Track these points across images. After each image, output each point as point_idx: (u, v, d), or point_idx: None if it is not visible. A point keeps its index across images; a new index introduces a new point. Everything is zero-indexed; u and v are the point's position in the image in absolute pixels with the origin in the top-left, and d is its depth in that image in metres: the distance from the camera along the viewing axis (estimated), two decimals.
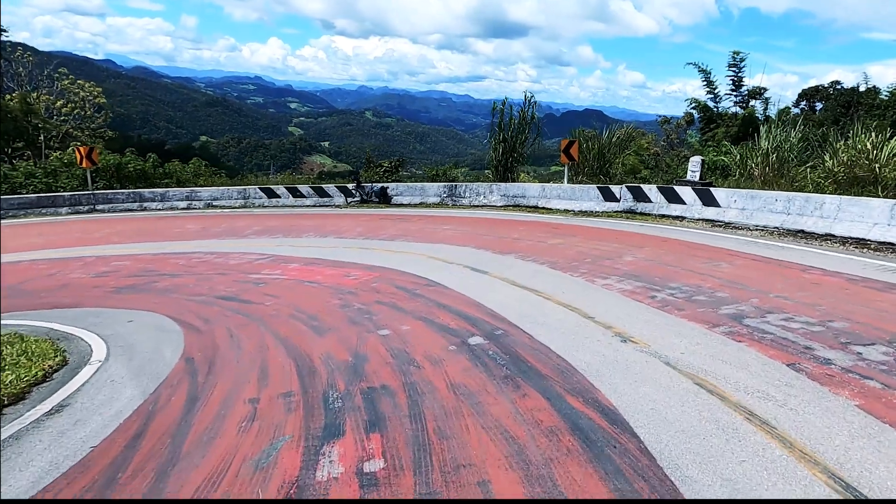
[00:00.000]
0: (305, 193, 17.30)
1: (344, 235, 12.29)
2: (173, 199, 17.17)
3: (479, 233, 11.63)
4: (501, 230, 11.86)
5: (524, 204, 15.35)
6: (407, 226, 13.08)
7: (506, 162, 18.20)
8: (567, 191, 14.54)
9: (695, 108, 31.73)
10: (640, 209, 13.04)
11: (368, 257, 9.68)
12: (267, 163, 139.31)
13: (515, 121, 18.27)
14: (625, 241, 9.83)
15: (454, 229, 12.20)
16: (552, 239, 10.42)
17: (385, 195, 16.81)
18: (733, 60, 32.57)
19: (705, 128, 30.67)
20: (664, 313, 5.56)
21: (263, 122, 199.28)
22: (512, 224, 12.74)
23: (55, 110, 29.74)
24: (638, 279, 7.05)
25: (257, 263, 10.02)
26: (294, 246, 11.45)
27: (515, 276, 7.61)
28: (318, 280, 8.39)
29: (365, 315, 6.29)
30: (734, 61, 32.57)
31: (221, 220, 15.42)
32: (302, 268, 9.39)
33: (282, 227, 13.78)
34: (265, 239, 12.51)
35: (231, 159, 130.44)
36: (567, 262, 8.34)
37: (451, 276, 7.83)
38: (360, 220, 14.30)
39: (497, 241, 10.43)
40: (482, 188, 16.06)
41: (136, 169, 18.75)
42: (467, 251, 9.67)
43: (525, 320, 5.56)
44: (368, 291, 7.42)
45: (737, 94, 32.97)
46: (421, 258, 9.32)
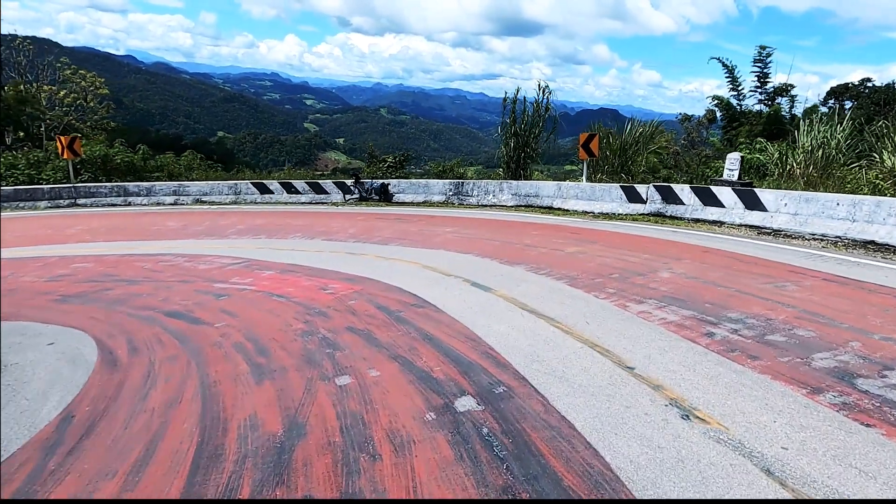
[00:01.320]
0: (300, 189, 15.83)
1: (334, 237, 10.78)
2: (160, 194, 15.81)
3: (485, 237, 10.03)
4: (511, 234, 10.25)
5: (538, 204, 13.70)
6: (405, 227, 11.52)
7: (518, 158, 16.54)
8: (586, 190, 12.87)
9: (717, 105, 29.71)
10: (669, 212, 11.33)
11: (354, 265, 8.15)
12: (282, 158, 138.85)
13: (529, 114, 16.61)
14: (657, 251, 8.16)
15: (457, 232, 10.61)
16: (570, 246, 8.78)
17: (386, 192, 15.28)
18: (759, 55, 30.48)
19: (728, 126, 28.64)
20: (732, 363, 3.94)
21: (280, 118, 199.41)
22: (523, 227, 11.12)
23: (57, 101, 28.68)
24: (683, 305, 5.41)
25: (229, 269, 8.55)
26: (276, 249, 9.98)
27: (526, 295, 6.02)
28: (289, 294, 6.88)
29: (328, 349, 4.75)
30: (760, 56, 30.48)
31: (206, 217, 14.01)
32: (276, 276, 7.90)
33: (268, 227, 12.31)
34: (247, 240, 11.06)
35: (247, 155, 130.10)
36: (590, 277, 6.71)
37: (445, 294, 6.26)
38: (356, 220, 12.79)
39: (505, 248, 8.83)
40: (491, 186, 14.45)
41: (125, 161, 17.43)
42: (469, 260, 8.08)
43: (537, 369, 3.97)
44: (343, 312, 5.88)
45: (762, 92, 30.92)
46: (414, 268, 7.77)
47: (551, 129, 16.73)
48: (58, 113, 28.56)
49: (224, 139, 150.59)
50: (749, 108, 30.52)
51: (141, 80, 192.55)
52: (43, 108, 25.38)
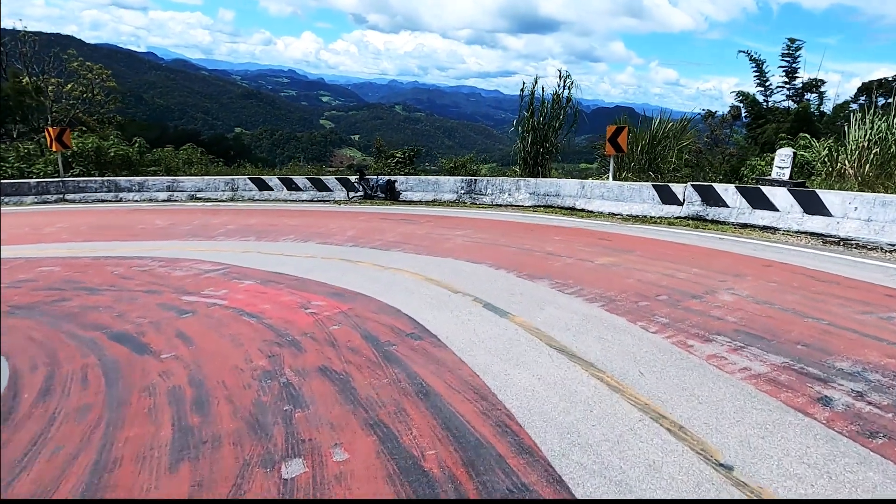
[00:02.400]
0: (302, 186, 14.59)
1: (330, 240, 9.50)
2: (152, 190, 14.68)
3: (500, 242, 8.67)
4: (530, 239, 8.87)
5: (558, 204, 12.28)
6: (411, 229, 10.20)
7: (535, 154, 15.11)
8: (613, 190, 11.42)
9: (742, 101, 27.85)
10: (710, 215, 9.84)
11: (347, 276, 6.86)
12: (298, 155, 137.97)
13: (548, 105, 15.15)
14: (708, 264, 6.73)
15: (469, 236, 9.27)
16: (601, 256, 7.38)
17: (392, 190, 13.96)
18: (788, 49, 28.56)
19: (753, 123, 26.81)
20: (883, 459, 2.55)
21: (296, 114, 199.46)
22: (544, 231, 9.72)
23: (64, 94, 27.84)
24: (767, 346, 4.01)
25: (205, 278, 7.32)
26: (263, 253, 8.74)
27: (552, 325, 4.66)
28: (264, 312, 5.61)
29: (287, 405, 3.46)
30: (789, 50, 28.54)
31: (197, 215, 12.83)
32: (255, 288, 6.64)
33: (260, 227, 11.08)
34: (234, 242, 9.84)
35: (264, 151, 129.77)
36: (631, 299, 5.33)
37: (451, 320, 4.92)
38: (357, 220, 11.50)
39: (524, 257, 7.46)
40: (507, 184, 13.05)
41: (119, 154, 16.35)
42: (482, 272, 6.74)
43: (580, 462, 2.62)
44: (320, 343, 4.59)
45: (790, 88, 28.98)
46: (416, 281, 6.44)
47: (572, 122, 15.26)
48: (64, 105, 27.75)
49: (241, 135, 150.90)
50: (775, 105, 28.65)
51: (161, 76, 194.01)
52: (46, 100, 24.50)
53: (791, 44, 29.06)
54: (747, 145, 25.03)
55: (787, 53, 29.02)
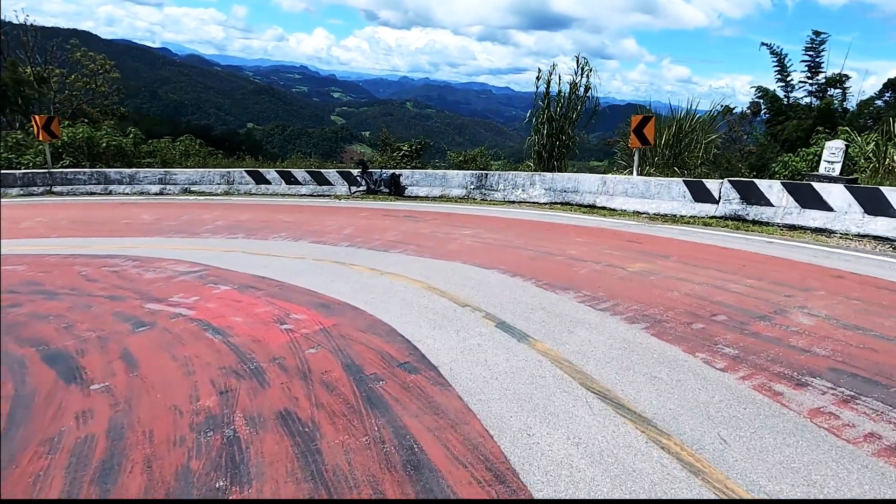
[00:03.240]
0: (301, 180, 13.59)
1: (325, 239, 8.49)
2: (144, 182, 13.76)
3: (515, 244, 7.60)
4: (549, 241, 7.79)
5: (576, 201, 11.16)
6: (414, 228, 9.16)
7: (551, 147, 13.98)
8: (639, 186, 10.28)
9: (761, 97, 26.36)
10: (751, 215, 8.68)
11: (338, 282, 5.85)
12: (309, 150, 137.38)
13: (565, 95, 14.01)
14: (763, 273, 5.61)
15: (479, 237, 8.20)
16: (634, 261, 6.28)
17: (397, 185, 12.92)
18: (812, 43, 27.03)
19: (773, 120, 25.36)
20: None
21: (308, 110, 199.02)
22: (563, 231, 8.63)
23: (67, 84, 27.11)
24: (885, 393, 2.92)
25: (178, 281, 6.35)
26: (249, 253, 7.75)
27: (586, 355, 3.59)
28: (232, 328, 4.61)
29: (219, 481, 2.43)
30: (812, 44, 27.02)
31: (187, 209, 11.89)
32: (230, 295, 5.65)
33: (252, 223, 10.10)
34: (220, 239, 8.87)
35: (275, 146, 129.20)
36: (681, 319, 4.24)
37: (457, 344, 3.88)
38: (357, 217, 10.47)
39: (543, 262, 6.39)
40: (521, 179, 11.95)
41: (112, 145, 15.46)
42: (495, 279, 5.67)
43: None
44: (290, 374, 3.57)
45: (812, 83, 27.45)
46: (417, 290, 5.40)
47: (591, 113, 14.09)
48: (67, 96, 27.03)
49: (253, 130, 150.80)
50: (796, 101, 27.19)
51: (175, 71, 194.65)
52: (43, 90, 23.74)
53: (815, 37, 27.46)
54: (767, 143, 23.66)
55: (810, 47, 27.43)
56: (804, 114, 26.31)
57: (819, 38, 27.58)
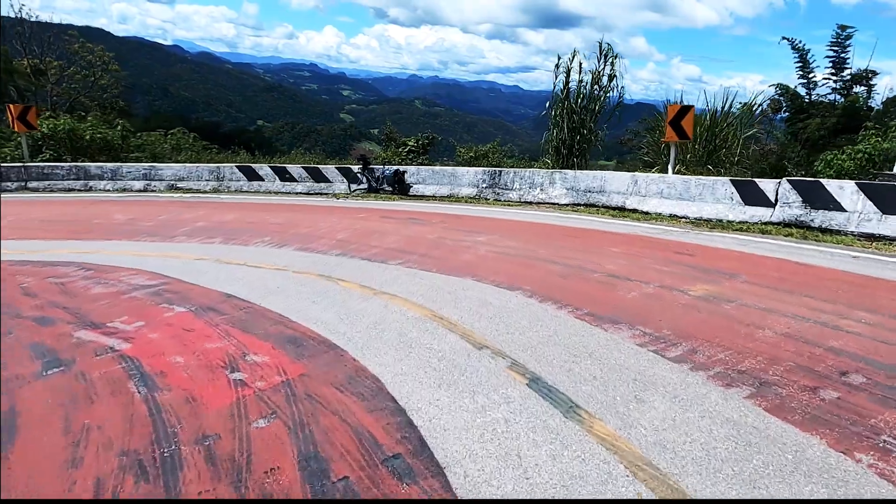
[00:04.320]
0: (296, 176, 12.31)
1: (313, 245, 7.20)
2: (127, 178, 12.55)
3: (538, 254, 6.26)
4: (579, 250, 6.44)
5: (602, 203, 9.79)
6: (419, 232, 7.85)
7: (571, 142, 12.60)
8: (676, 185, 8.89)
9: (781, 95, 24.69)
10: (817, 221, 7.27)
11: (318, 306, 4.56)
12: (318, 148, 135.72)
13: (586, 85, 12.63)
14: (872, 302, 4.24)
15: (495, 244, 6.87)
16: (693, 282, 4.93)
17: (401, 182, 11.61)
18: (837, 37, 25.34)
19: (793, 118, 23.72)
20: None
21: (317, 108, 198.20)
22: (594, 239, 7.28)
23: (66, 77, 26.05)
24: None
25: (128, 299, 5.10)
26: (223, 263, 6.49)
27: (678, 452, 2.26)
28: (165, 377, 3.35)
29: None
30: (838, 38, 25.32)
31: (169, 208, 10.64)
32: (182, 320, 4.39)
33: (235, 225, 8.84)
34: (195, 244, 7.62)
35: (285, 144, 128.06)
36: (798, 380, 2.89)
37: (474, 423, 2.55)
38: (354, 218, 9.18)
39: (578, 281, 5.05)
40: (539, 177, 10.60)
41: (97, 138, 14.27)
42: (519, 306, 4.35)
43: None
44: (215, 471, 2.27)
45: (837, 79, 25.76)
46: (418, 319, 4.09)
47: (615, 105, 12.70)
48: (66, 89, 25.97)
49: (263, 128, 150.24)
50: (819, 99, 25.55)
51: (186, 69, 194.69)
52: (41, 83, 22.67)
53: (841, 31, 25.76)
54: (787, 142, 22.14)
55: (835, 42, 25.76)
56: (827, 112, 24.66)
57: (845, 33, 25.84)
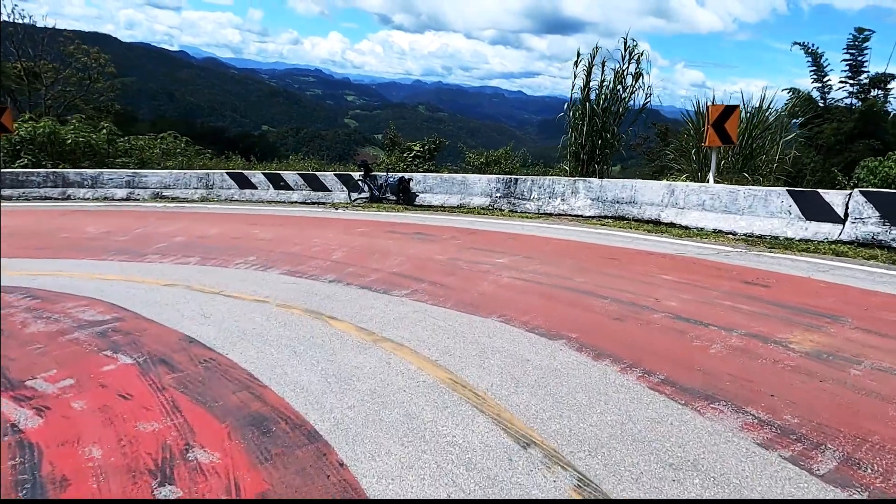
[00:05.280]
0: (292, 184, 11.21)
1: (304, 268, 6.08)
2: (108, 185, 11.49)
3: (576, 284, 5.10)
4: (624, 278, 5.27)
5: (633, 215, 8.65)
6: (427, 251, 6.71)
7: (592, 147, 11.46)
8: (720, 197, 7.74)
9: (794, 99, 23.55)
10: None
11: (303, 358, 3.44)
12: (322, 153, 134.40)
13: (608, 85, 11.50)
14: None
15: (520, 269, 5.72)
16: (786, 328, 3.77)
17: (406, 191, 10.49)
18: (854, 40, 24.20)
19: (807, 123, 22.54)
20: None
21: (321, 113, 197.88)
22: (636, 260, 6.11)
23: (61, 79, 25.12)
24: None
25: (66, 342, 4.06)
26: (194, 289, 5.39)
27: None
28: (69, 483, 2.19)
29: None
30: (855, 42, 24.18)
31: (148, 220, 9.54)
32: (122, 379, 3.30)
33: (218, 241, 7.73)
34: (168, 265, 6.52)
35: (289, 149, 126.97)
36: None
37: None
38: (353, 233, 8.06)
39: (636, 326, 3.89)
40: (560, 185, 9.46)
41: (80, 142, 13.20)
42: (568, 367, 3.19)
43: None
44: None
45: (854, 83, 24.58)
46: (434, 388, 2.93)
47: (640, 108, 11.56)
48: (61, 92, 25.03)
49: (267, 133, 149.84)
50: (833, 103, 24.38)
51: (192, 74, 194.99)
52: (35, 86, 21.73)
53: (858, 34, 24.62)
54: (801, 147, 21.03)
55: (852, 45, 24.62)
56: (844, 116, 23.46)
57: (862, 36, 24.68)
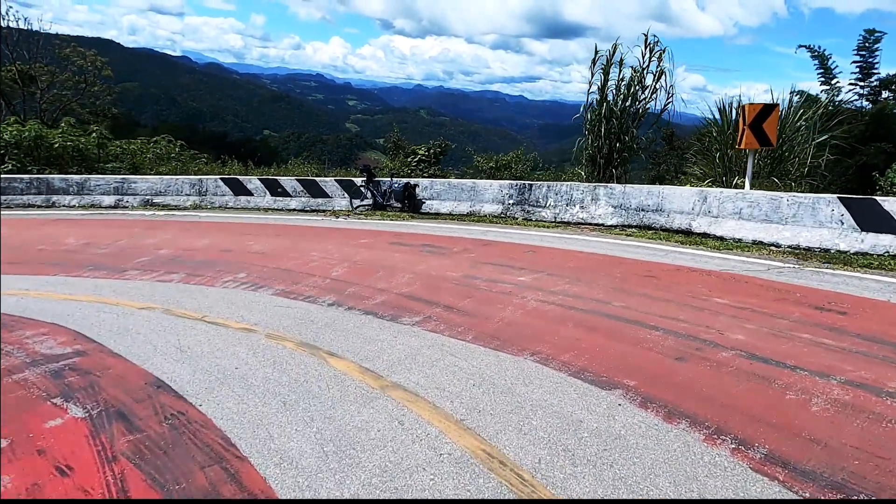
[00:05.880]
0: (290, 191, 10.48)
1: (299, 287, 5.34)
2: (96, 192, 10.79)
3: (615, 310, 4.34)
4: (669, 301, 4.51)
5: (661, 225, 7.89)
6: (440, 267, 5.96)
7: (609, 151, 10.73)
8: (760, 204, 6.98)
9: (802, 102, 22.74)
10: None
11: (290, 414, 2.66)
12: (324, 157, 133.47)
13: (625, 84, 10.76)
14: None
15: (547, 289, 4.97)
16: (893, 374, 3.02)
17: (412, 197, 9.76)
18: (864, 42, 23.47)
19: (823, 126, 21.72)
20: None
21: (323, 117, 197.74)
22: (680, 279, 5.35)
23: (57, 83, 24.49)
24: None
25: (11, 385, 3.33)
26: (173, 314, 4.66)
27: None
28: None
29: None
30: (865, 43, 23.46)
31: (133, 229, 8.81)
32: (64, 444, 2.53)
33: (206, 254, 7.00)
34: (147, 282, 5.79)
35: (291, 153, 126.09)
36: None
37: None
38: (356, 245, 7.31)
39: (699, 365, 3.13)
40: (578, 192, 8.71)
41: (68, 146, 12.48)
42: (630, 428, 2.43)
43: None
44: None
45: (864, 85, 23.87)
46: (465, 466, 2.17)
47: (662, 108, 10.82)
48: (56, 95, 24.40)
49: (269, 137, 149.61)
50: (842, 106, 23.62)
51: (194, 79, 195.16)
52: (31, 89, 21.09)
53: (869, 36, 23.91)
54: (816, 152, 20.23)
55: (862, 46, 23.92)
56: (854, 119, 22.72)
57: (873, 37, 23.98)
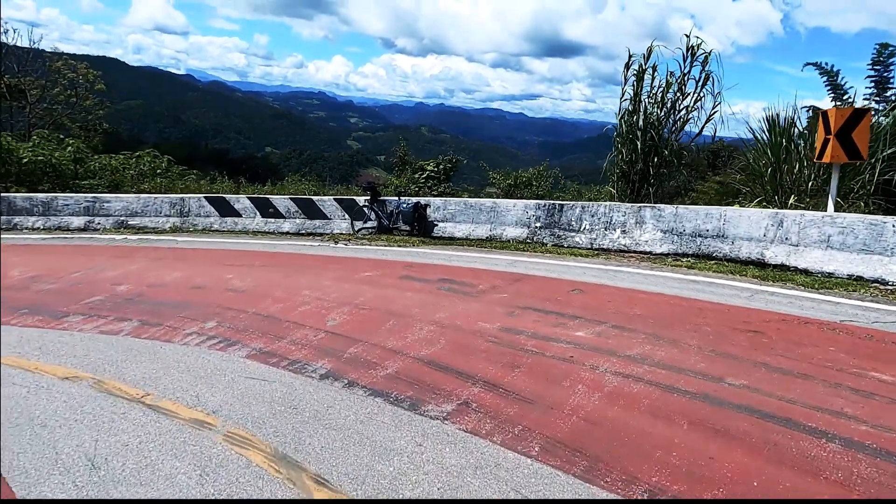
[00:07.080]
0: (283, 211, 9.15)
1: (283, 345, 3.95)
2: (63, 213, 9.48)
3: (735, 391, 2.95)
4: (812, 378, 3.12)
5: (724, 254, 6.53)
6: (466, 315, 4.58)
7: (645, 167, 9.42)
8: (856, 231, 5.64)
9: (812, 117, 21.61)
10: None
11: None
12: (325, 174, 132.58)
13: (660, 91, 9.51)
14: None
15: (623, 356, 3.58)
16: None
17: (422, 219, 8.43)
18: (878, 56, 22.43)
19: None
20: None
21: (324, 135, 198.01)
22: (792, 337, 3.97)
23: (49, 97, 23.41)
24: None
25: None
26: (104, 390, 3.24)
27: None
28: None
29: None
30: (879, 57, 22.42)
31: (95, 257, 7.44)
32: None
33: (173, 292, 5.62)
34: (87, 334, 4.40)
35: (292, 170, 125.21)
36: None
37: None
38: (358, 281, 5.94)
39: None
40: (619, 213, 7.37)
41: (40, 161, 11.16)
42: None
43: None
44: None
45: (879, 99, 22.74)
46: None
47: (708, 117, 9.53)
48: (47, 109, 23.29)
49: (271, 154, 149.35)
50: None
51: (197, 97, 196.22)
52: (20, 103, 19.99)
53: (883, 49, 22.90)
54: None
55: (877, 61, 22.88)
56: None
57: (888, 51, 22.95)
